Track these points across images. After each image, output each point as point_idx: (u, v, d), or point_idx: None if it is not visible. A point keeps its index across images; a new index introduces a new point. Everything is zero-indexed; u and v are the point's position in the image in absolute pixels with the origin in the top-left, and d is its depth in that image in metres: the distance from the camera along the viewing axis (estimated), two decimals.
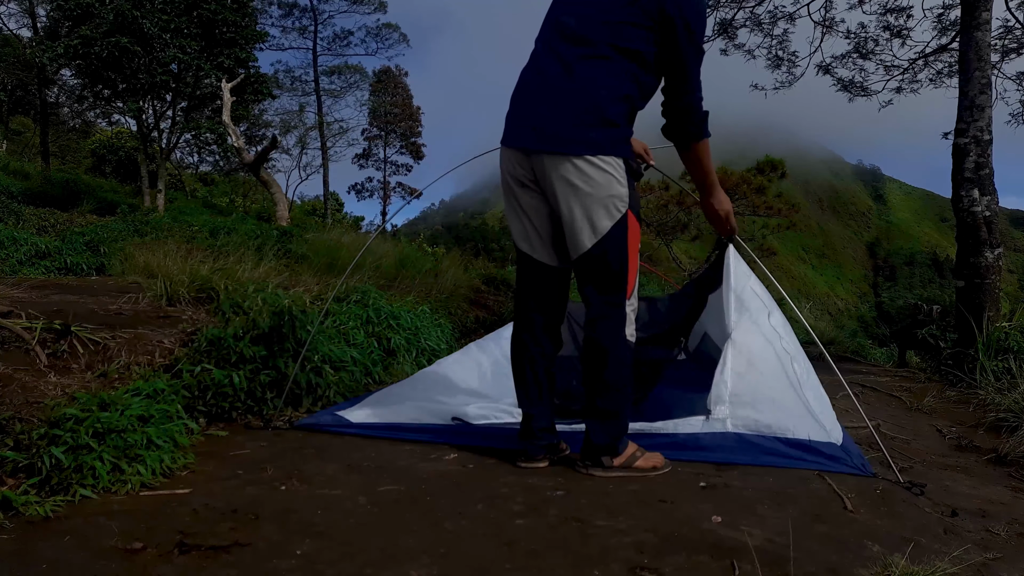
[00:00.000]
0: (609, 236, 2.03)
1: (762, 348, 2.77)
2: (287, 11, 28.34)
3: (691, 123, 2.13)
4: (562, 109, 1.99)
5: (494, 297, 7.05)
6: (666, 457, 2.29)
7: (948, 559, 1.59)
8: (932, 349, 5.00)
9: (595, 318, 2.11)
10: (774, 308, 3.04)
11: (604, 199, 2.00)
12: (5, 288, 3.67)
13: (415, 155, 34.84)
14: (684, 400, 2.80)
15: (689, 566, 1.56)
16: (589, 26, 2.00)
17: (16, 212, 8.32)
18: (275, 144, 11.48)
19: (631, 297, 2.14)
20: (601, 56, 1.98)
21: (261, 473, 2.14)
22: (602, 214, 2.01)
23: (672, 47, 2.00)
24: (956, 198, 4.79)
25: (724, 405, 2.50)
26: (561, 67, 2.01)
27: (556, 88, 2.01)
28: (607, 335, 2.10)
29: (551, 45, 2.08)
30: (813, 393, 2.65)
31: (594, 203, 2.00)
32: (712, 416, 2.47)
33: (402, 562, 1.55)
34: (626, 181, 2.05)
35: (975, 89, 4.75)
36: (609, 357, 2.09)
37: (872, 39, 7.99)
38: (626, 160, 2.06)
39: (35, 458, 1.87)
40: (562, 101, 1.99)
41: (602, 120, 1.97)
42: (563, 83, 2.00)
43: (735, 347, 2.72)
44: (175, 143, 14.75)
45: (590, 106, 1.97)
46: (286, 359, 2.92)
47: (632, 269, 2.11)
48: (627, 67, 2.00)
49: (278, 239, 7.05)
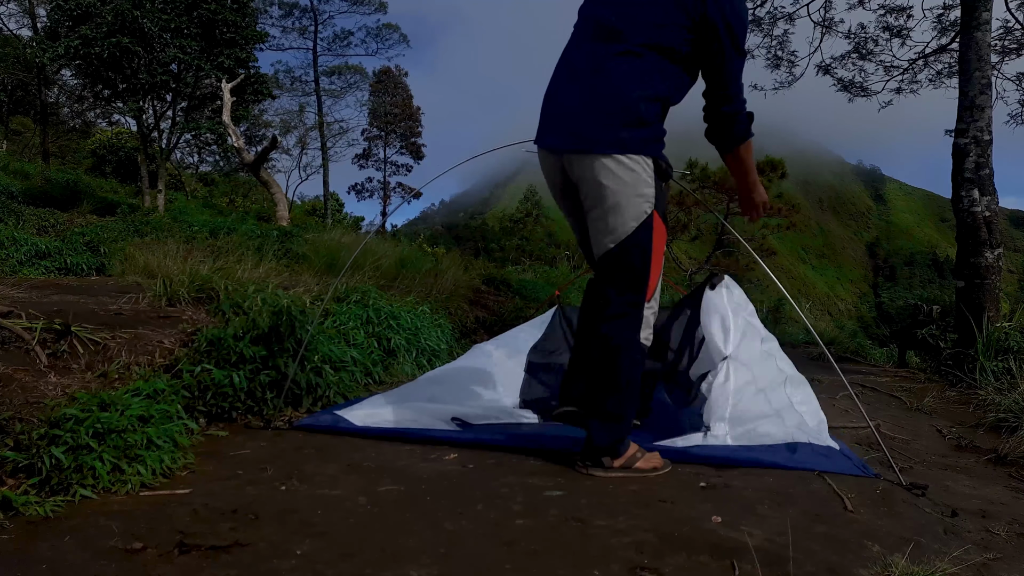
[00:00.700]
0: (633, 236, 1.99)
1: (760, 368, 2.86)
2: (287, 11, 28.36)
3: (736, 127, 2.12)
4: (592, 108, 1.96)
5: (494, 297, 7.05)
6: (672, 458, 2.31)
7: (948, 559, 1.59)
8: (932, 349, 5.00)
9: (612, 316, 2.06)
10: (768, 336, 3.13)
11: (630, 198, 1.97)
12: (5, 288, 3.67)
13: (415, 155, 34.86)
14: (682, 415, 2.84)
15: (689, 566, 1.56)
16: (628, 23, 1.97)
17: (16, 212, 8.31)
18: (275, 144, 11.48)
19: (651, 300, 2.11)
20: (634, 53, 1.95)
21: (261, 473, 2.14)
22: (627, 214, 1.98)
23: (715, 51, 1.98)
24: (956, 198, 4.79)
25: (723, 423, 2.55)
26: (592, 64, 1.99)
27: (587, 86, 1.98)
28: (622, 335, 2.06)
29: (583, 41, 2.06)
30: (808, 408, 2.72)
31: (619, 202, 1.97)
32: (711, 433, 2.51)
33: (402, 562, 1.55)
34: (654, 181, 2.01)
35: (975, 89, 4.76)
36: (621, 357, 2.06)
37: (872, 39, 7.99)
38: (656, 160, 2.02)
39: (35, 458, 1.87)
40: (592, 100, 1.97)
41: (633, 119, 1.94)
42: (594, 80, 1.97)
43: (734, 366, 2.78)
44: (175, 143, 14.75)
45: (621, 105, 1.94)
46: (286, 359, 2.92)
47: (655, 271, 2.07)
48: (661, 65, 1.97)
49: (278, 239, 7.05)
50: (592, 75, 1.98)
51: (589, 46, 2.03)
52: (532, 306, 6.19)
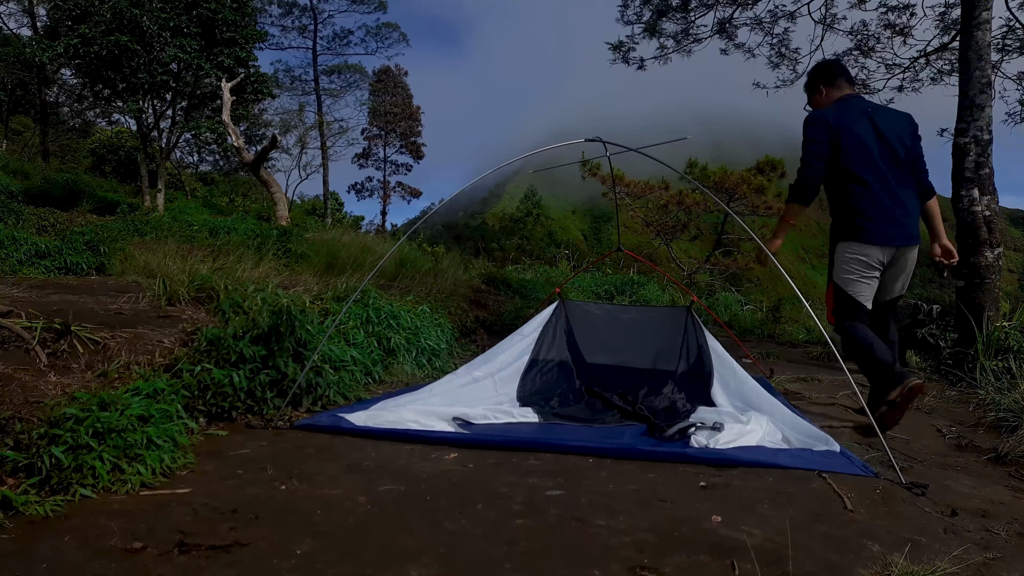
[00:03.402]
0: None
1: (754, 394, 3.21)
2: (287, 10, 28.30)
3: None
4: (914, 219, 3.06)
5: (494, 297, 7.05)
6: (669, 460, 2.38)
7: (948, 559, 1.59)
8: (932, 349, 5.00)
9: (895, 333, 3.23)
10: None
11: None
12: (5, 288, 3.66)
13: (415, 154, 34.83)
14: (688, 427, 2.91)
15: (689, 566, 1.56)
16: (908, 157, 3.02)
17: (16, 212, 8.30)
18: (275, 144, 11.46)
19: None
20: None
21: (261, 473, 2.14)
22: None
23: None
24: (956, 198, 4.79)
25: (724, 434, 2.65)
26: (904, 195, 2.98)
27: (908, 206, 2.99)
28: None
29: (891, 174, 2.96)
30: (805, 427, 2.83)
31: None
32: (710, 447, 2.55)
33: (402, 562, 1.55)
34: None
35: (975, 88, 4.75)
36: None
37: (874, 37, 7.98)
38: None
39: (35, 458, 1.87)
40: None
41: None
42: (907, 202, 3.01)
43: (731, 380, 3.23)
44: (175, 143, 14.73)
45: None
46: (286, 359, 2.92)
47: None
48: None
49: (278, 239, 7.04)
50: (906, 200, 3.02)
51: (895, 177, 2.99)
52: (532, 305, 6.19)
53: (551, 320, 4.10)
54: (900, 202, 2.93)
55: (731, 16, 8.05)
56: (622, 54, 8.17)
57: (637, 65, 8.23)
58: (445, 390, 3.31)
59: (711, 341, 3.79)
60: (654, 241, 15.48)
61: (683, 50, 8.11)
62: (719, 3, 7.93)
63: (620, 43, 8.12)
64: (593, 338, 4.13)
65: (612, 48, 8.16)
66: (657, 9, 7.87)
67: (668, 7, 7.86)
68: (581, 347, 4.10)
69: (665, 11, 7.87)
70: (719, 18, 8.05)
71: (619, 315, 4.35)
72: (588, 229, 65.37)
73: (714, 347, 3.73)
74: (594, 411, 3.28)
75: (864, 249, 2.95)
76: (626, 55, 8.18)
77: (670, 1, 7.86)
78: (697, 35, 8.06)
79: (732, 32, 8.15)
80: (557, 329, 4.11)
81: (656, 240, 14.95)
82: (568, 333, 4.13)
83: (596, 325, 4.20)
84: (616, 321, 4.25)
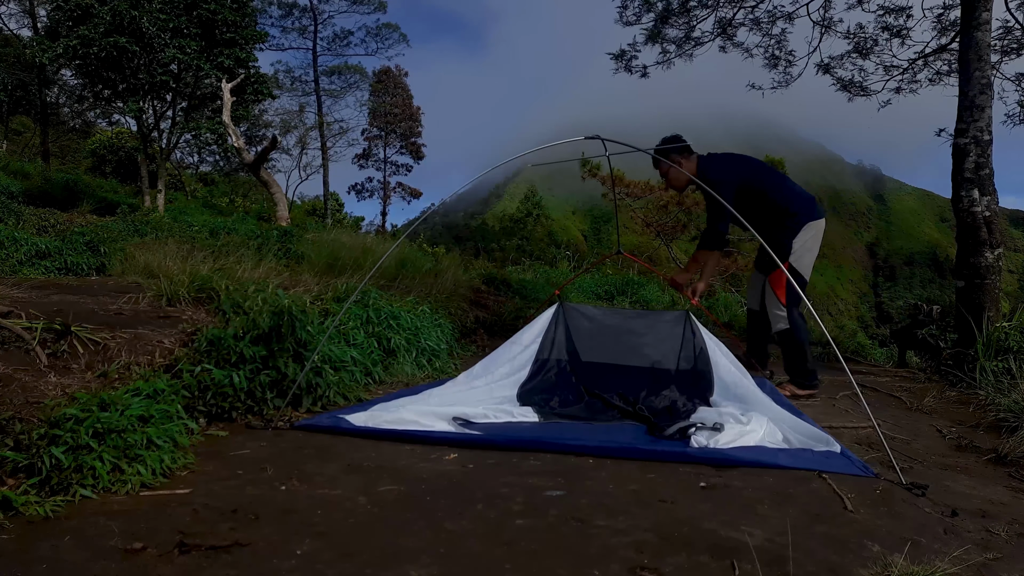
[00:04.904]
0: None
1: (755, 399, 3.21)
2: (287, 11, 28.31)
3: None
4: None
5: (494, 297, 7.05)
6: (669, 460, 2.39)
7: (948, 559, 1.59)
8: (932, 349, 5.00)
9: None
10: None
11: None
12: (5, 288, 3.66)
13: (415, 155, 34.84)
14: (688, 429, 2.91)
15: (689, 566, 1.56)
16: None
17: (16, 212, 8.29)
18: (275, 144, 11.46)
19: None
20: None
21: (261, 473, 2.14)
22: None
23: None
24: (956, 198, 4.78)
25: (724, 434, 2.64)
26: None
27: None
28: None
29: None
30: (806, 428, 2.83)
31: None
32: (710, 447, 2.55)
33: (402, 562, 1.55)
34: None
35: (975, 89, 4.75)
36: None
37: (871, 39, 7.97)
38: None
39: (35, 458, 1.87)
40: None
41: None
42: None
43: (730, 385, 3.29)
44: (175, 143, 14.73)
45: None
46: (286, 359, 2.92)
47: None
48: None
49: (278, 239, 7.04)
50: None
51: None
52: (532, 306, 6.18)
53: (551, 325, 4.11)
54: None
55: (732, 17, 8.05)
56: (624, 63, 8.10)
57: (640, 73, 8.16)
58: (444, 393, 3.33)
59: (711, 342, 3.78)
60: (654, 242, 15.48)
61: (685, 54, 8.08)
62: (720, 4, 7.92)
63: (622, 52, 8.06)
64: (592, 341, 4.14)
65: (614, 58, 8.09)
66: (660, 16, 7.82)
67: (670, 12, 7.82)
68: (580, 350, 4.11)
69: (668, 16, 7.82)
70: (720, 18, 8.05)
71: (618, 318, 4.35)
72: (588, 229, 65.34)
73: (714, 348, 3.73)
74: (594, 411, 3.28)
75: (820, 223, 3.73)
76: (628, 64, 8.11)
77: (671, 3, 7.83)
78: (699, 39, 8.03)
79: (732, 33, 8.14)
80: (557, 332, 4.12)
81: (656, 241, 14.95)
82: (568, 336, 4.14)
83: (595, 328, 4.21)
84: (615, 324, 4.26)
